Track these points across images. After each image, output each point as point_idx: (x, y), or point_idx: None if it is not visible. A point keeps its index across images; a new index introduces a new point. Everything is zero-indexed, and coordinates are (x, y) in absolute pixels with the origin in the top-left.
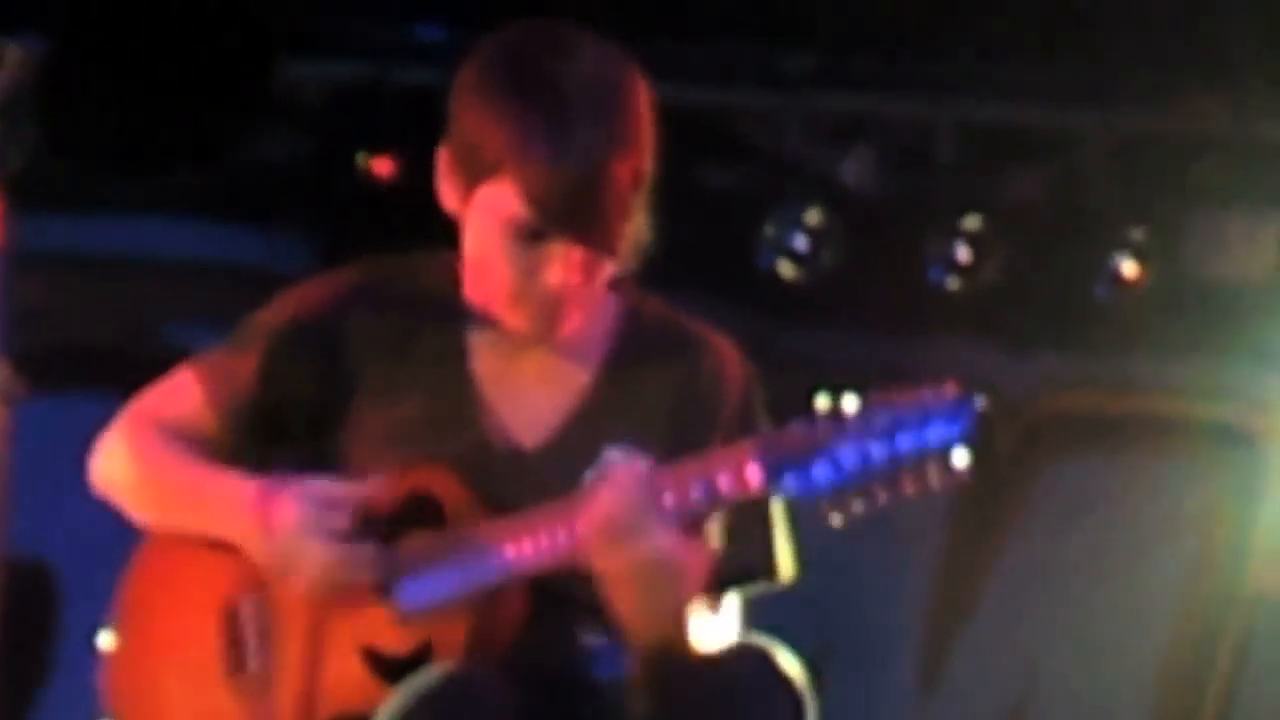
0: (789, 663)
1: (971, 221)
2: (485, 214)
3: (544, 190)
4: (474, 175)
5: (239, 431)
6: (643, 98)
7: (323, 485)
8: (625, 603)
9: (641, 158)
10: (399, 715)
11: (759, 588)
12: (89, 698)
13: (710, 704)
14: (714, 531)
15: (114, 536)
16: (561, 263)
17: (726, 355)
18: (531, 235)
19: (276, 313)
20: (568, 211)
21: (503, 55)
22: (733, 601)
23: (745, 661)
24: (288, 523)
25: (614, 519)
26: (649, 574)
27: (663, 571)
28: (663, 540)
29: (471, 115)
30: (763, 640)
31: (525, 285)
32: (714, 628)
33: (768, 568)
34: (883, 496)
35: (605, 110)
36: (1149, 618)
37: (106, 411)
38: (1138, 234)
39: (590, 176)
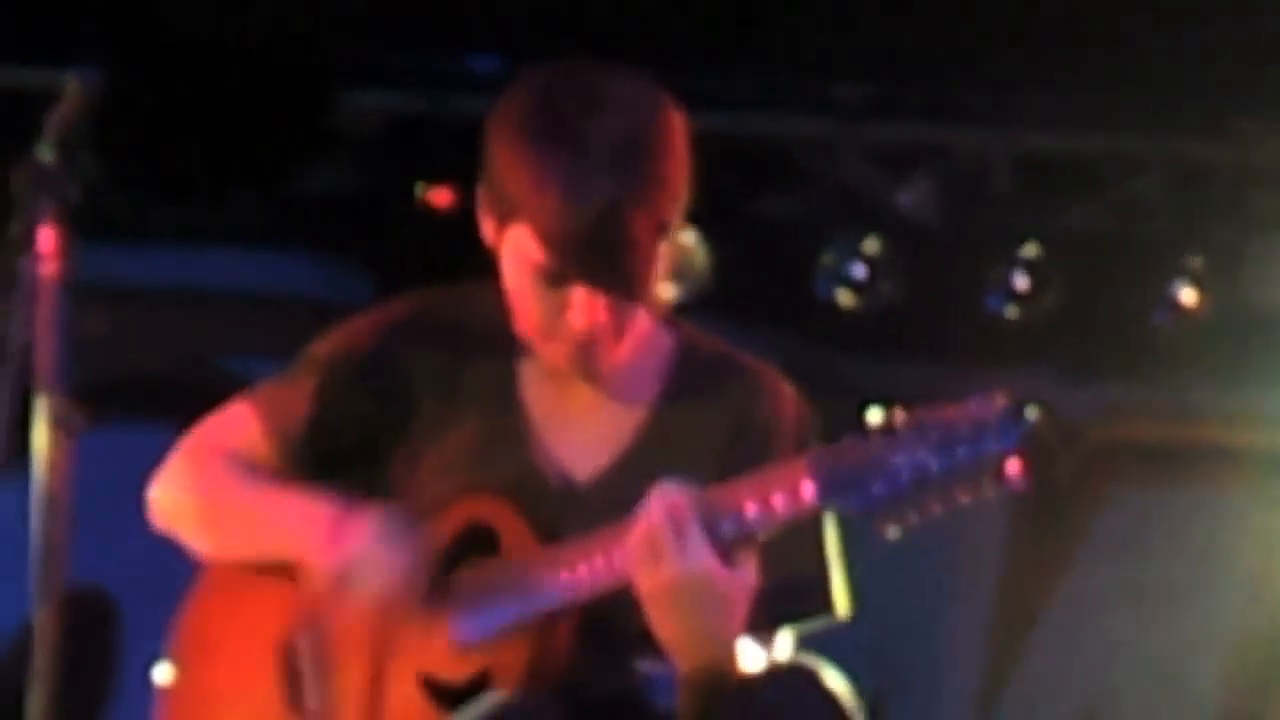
0: (836, 681)
1: (1029, 250)
2: (512, 254)
3: (560, 235)
4: (501, 215)
5: (294, 461)
6: (675, 143)
7: (395, 509)
8: (666, 625)
9: (666, 205)
10: None
11: (815, 624)
12: None
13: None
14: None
15: (172, 568)
16: (584, 306)
17: (781, 391)
18: (553, 278)
19: (331, 344)
20: (584, 257)
21: (530, 99)
22: (787, 637)
23: (792, 681)
24: (361, 540)
25: (653, 539)
26: (689, 595)
27: (704, 594)
28: (703, 562)
29: (499, 157)
30: (810, 660)
31: (554, 324)
32: (768, 662)
33: (823, 603)
34: (937, 507)
35: (626, 158)
36: (1208, 644)
37: (165, 442)
38: (1195, 262)
39: (606, 223)
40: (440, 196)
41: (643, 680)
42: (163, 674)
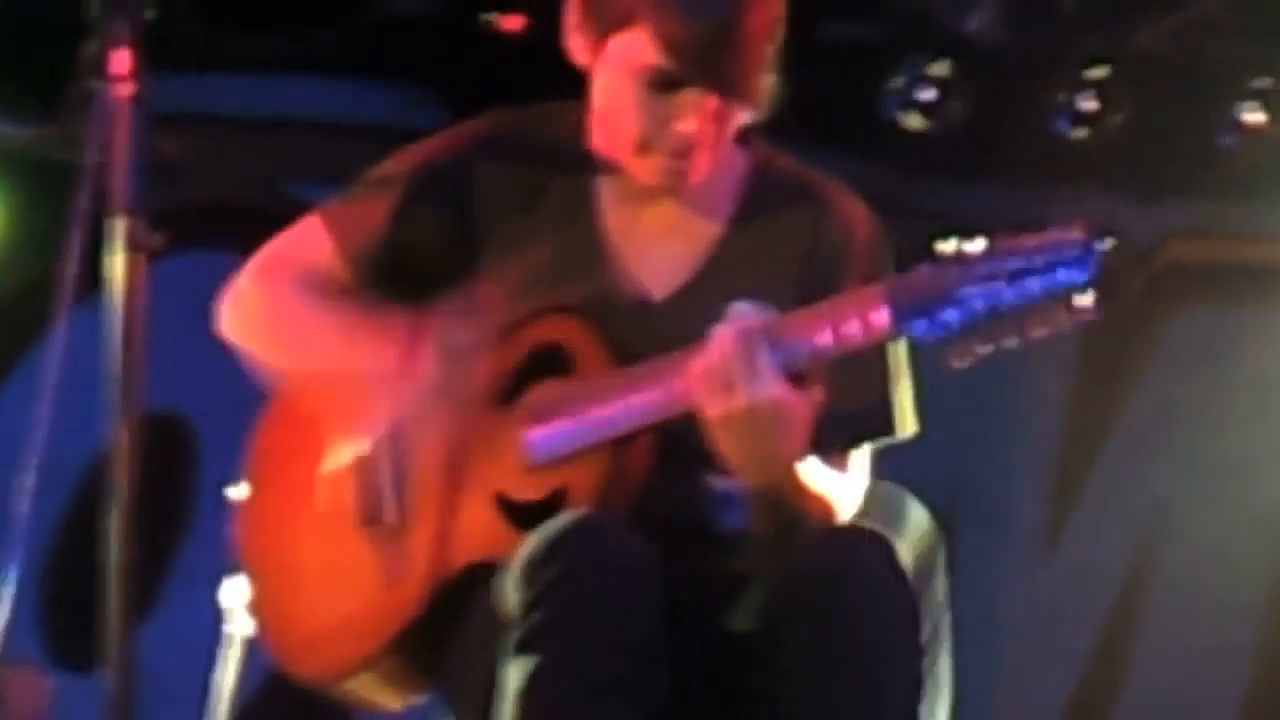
0: (906, 554)
1: (1096, 71)
2: (618, 64)
3: (682, 39)
4: (606, 26)
5: (367, 278)
6: None
7: (464, 332)
8: (732, 448)
9: (776, 6)
10: (533, 560)
11: (881, 442)
12: (224, 551)
13: (824, 588)
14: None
15: (247, 393)
16: (695, 111)
17: (854, 211)
18: (666, 84)
19: (406, 161)
20: (705, 60)
21: None
22: (862, 453)
23: (864, 549)
24: (424, 378)
25: (716, 368)
26: (759, 422)
27: (774, 420)
28: (774, 390)
29: None
30: (884, 529)
31: (656, 134)
32: (843, 480)
33: (887, 423)
34: (1008, 339)
35: None
36: (1274, 464)
37: (236, 269)
38: (1263, 83)
39: (727, 25)
40: (511, 21)
41: (715, 498)
42: (239, 492)
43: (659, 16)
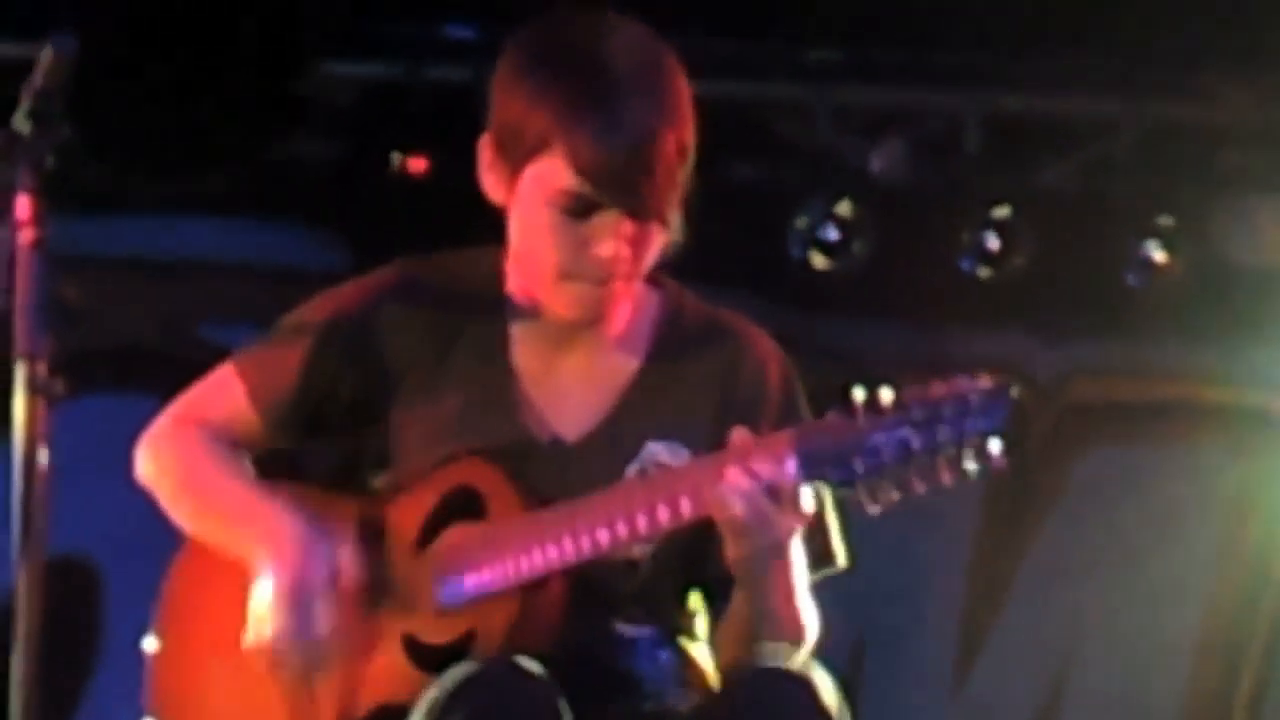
0: (830, 694)
1: (1001, 211)
2: (533, 193)
3: (595, 162)
4: (520, 156)
5: (280, 426)
6: (682, 76)
7: (351, 564)
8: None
9: (686, 130)
10: (436, 706)
11: (821, 574)
12: (133, 696)
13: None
14: None
15: (156, 535)
16: (612, 234)
17: (766, 349)
18: (582, 209)
19: (317, 310)
20: (619, 182)
21: (545, 37)
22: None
23: (786, 684)
24: (308, 587)
25: (755, 511)
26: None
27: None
28: (790, 522)
29: (517, 96)
30: (805, 668)
31: (575, 261)
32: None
33: (828, 553)
34: (919, 486)
35: (651, 82)
36: (1182, 602)
37: (145, 411)
38: (1166, 221)
39: (640, 147)
40: (416, 164)
41: (625, 642)
42: (151, 643)
43: (572, 141)
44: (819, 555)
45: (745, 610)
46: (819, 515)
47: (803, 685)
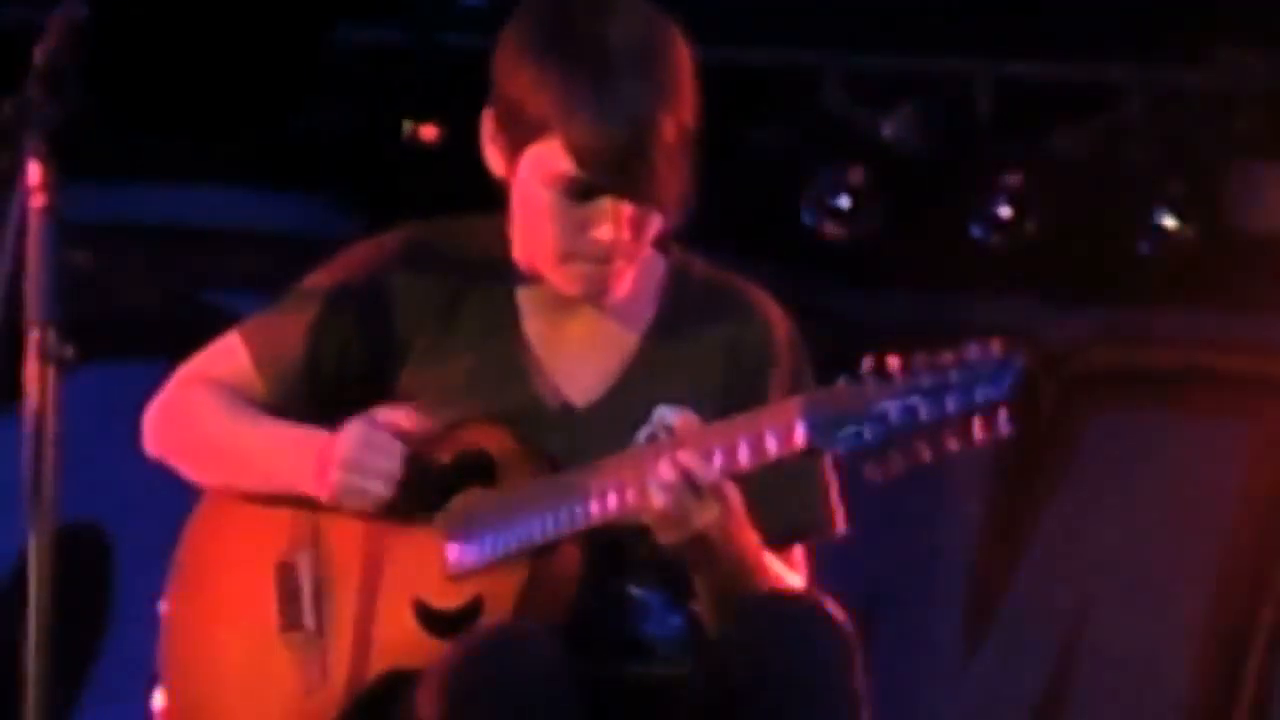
0: (838, 610)
1: (1013, 178)
2: (533, 174)
3: (592, 147)
4: (520, 137)
5: (286, 394)
6: (684, 55)
7: (364, 419)
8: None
9: (686, 112)
10: (449, 671)
11: (815, 539)
12: (146, 662)
13: (761, 641)
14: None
15: (167, 502)
16: (611, 219)
17: (773, 315)
18: (580, 193)
19: (324, 276)
20: (616, 167)
21: (545, 17)
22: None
23: (796, 604)
24: (348, 443)
25: (678, 503)
26: (708, 541)
27: (720, 537)
28: (712, 514)
29: (517, 77)
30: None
31: (574, 244)
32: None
33: (821, 522)
34: (926, 454)
35: (649, 66)
36: (1193, 570)
37: (155, 378)
38: (1178, 187)
39: (637, 132)
40: (428, 132)
41: (636, 606)
42: (164, 609)
43: (570, 126)
44: (816, 521)
45: (701, 591)
46: (817, 480)
47: (814, 601)
